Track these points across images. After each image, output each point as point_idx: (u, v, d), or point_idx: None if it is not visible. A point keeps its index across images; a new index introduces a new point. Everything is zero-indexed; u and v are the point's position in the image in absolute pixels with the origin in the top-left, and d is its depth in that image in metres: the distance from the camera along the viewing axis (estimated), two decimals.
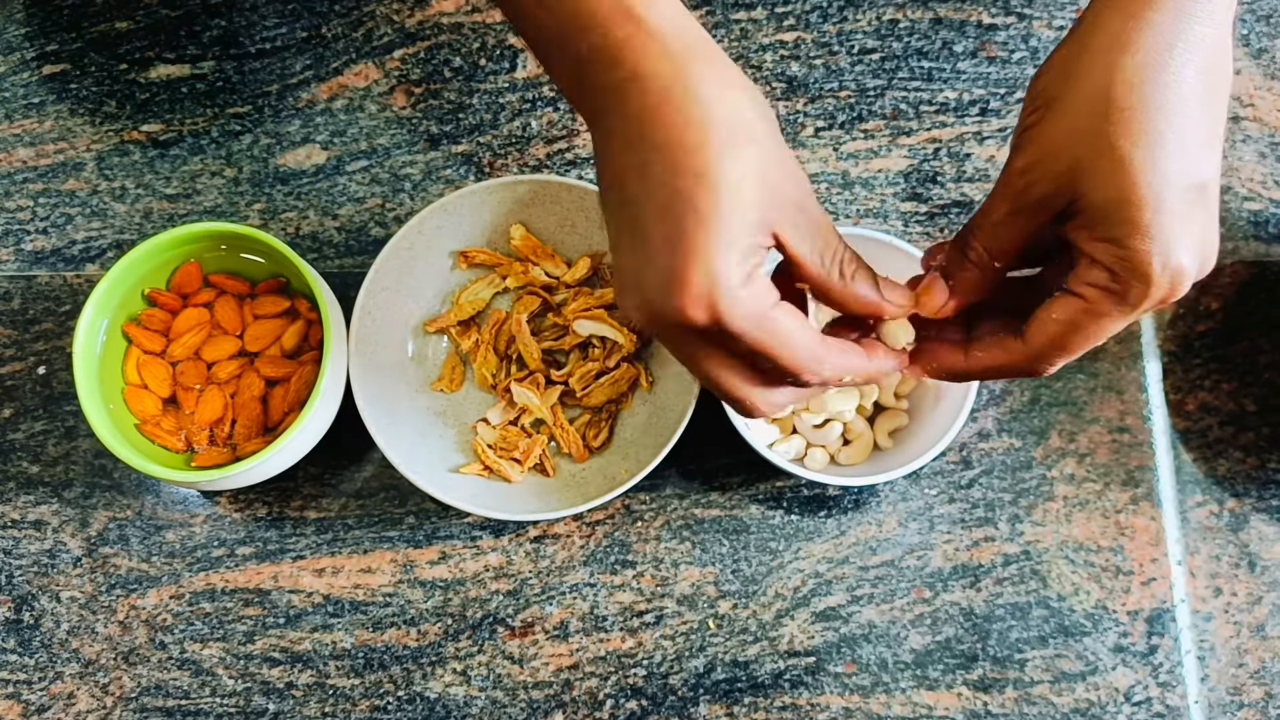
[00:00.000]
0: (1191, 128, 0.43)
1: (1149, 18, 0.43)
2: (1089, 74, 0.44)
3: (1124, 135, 0.42)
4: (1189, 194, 0.42)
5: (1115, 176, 0.42)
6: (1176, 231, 0.42)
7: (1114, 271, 0.43)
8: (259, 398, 0.61)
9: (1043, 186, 0.44)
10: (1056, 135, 0.44)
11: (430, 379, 0.64)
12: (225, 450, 0.60)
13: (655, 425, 0.62)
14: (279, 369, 0.61)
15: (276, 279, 0.62)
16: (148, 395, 0.61)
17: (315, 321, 0.62)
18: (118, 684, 0.61)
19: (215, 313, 0.62)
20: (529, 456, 0.62)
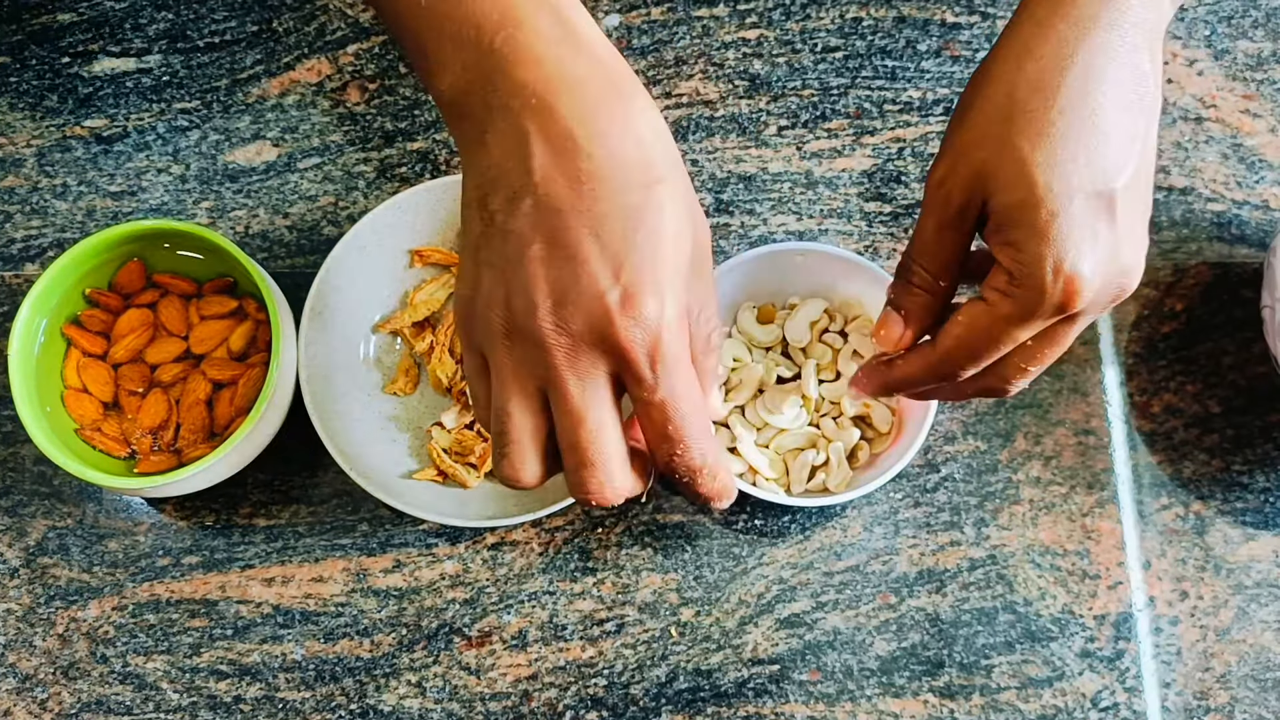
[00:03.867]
0: (1099, 136, 0.42)
1: (1055, 25, 0.43)
2: (997, 80, 0.44)
3: (1024, 136, 0.42)
4: (1093, 201, 0.42)
5: (1016, 179, 0.42)
6: (1074, 238, 0.42)
7: (1011, 274, 0.43)
8: (205, 401, 0.59)
9: (958, 195, 0.44)
10: (966, 142, 0.44)
11: (384, 382, 0.62)
12: (169, 456, 0.58)
13: None
14: (226, 371, 0.59)
15: (223, 279, 0.61)
16: (88, 399, 0.59)
17: (264, 322, 0.60)
18: (56, 699, 0.59)
19: (159, 313, 0.60)
20: (485, 461, 0.60)
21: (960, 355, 0.46)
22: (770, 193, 0.66)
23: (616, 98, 0.41)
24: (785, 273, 0.61)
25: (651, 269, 0.40)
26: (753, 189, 0.66)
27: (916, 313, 0.48)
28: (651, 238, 0.40)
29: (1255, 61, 0.69)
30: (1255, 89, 0.68)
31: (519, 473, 0.43)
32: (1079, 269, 0.42)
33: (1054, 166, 0.42)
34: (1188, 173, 0.67)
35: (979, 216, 0.45)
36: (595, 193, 0.40)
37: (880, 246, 0.66)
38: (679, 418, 0.42)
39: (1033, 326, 0.44)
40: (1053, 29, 0.43)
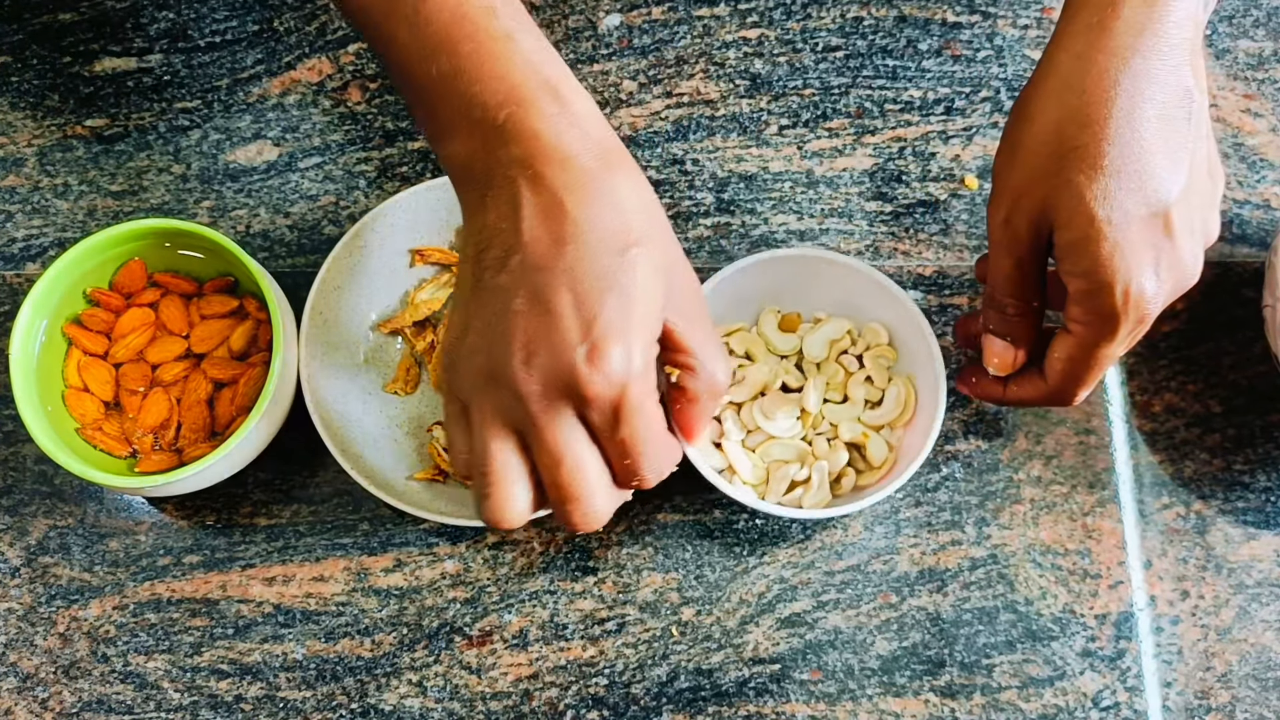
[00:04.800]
0: (1146, 159, 0.45)
1: (1095, 59, 0.45)
2: (1043, 115, 0.47)
3: (1078, 172, 0.45)
4: (1150, 222, 0.45)
5: (1075, 216, 0.46)
6: (1136, 261, 0.45)
7: (1083, 304, 0.47)
8: (205, 401, 0.59)
9: (1025, 233, 0.48)
10: (1021, 180, 0.47)
11: (384, 381, 0.62)
12: (170, 455, 0.58)
13: None
14: (227, 371, 0.59)
15: (224, 278, 0.61)
16: (89, 398, 0.59)
17: (264, 322, 0.60)
18: (57, 699, 0.59)
19: (160, 313, 0.60)
20: None
21: (1069, 384, 0.51)
22: (771, 192, 0.66)
23: (604, 169, 0.45)
24: (813, 280, 0.61)
25: (620, 324, 0.43)
26: (754, 188, 0.66)
27: (1022, 336, 0.53)
28: (623, 296, 0.43)
29: (1256, 61, 0.69)
30: (1256, 88, 0.68)
31: (502, 513, 0.46)
32: (1144, 288, 0.46)
33: (1109, 199, 0.45)
34: None
35: (1049, 244, 0.48)
36: (576, 253, 0.43)
37: (881, 246, 0.66)
38: (637, 455, 0.46)
39: (1120, 343, 0.48)
40: (1093, 62, 0.45)
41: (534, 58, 0.46)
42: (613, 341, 0.43)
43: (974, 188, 0.66)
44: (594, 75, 0.68)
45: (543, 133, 0.44)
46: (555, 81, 0.45)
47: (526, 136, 0.44)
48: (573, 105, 0.45)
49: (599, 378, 0.43)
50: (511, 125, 0.44)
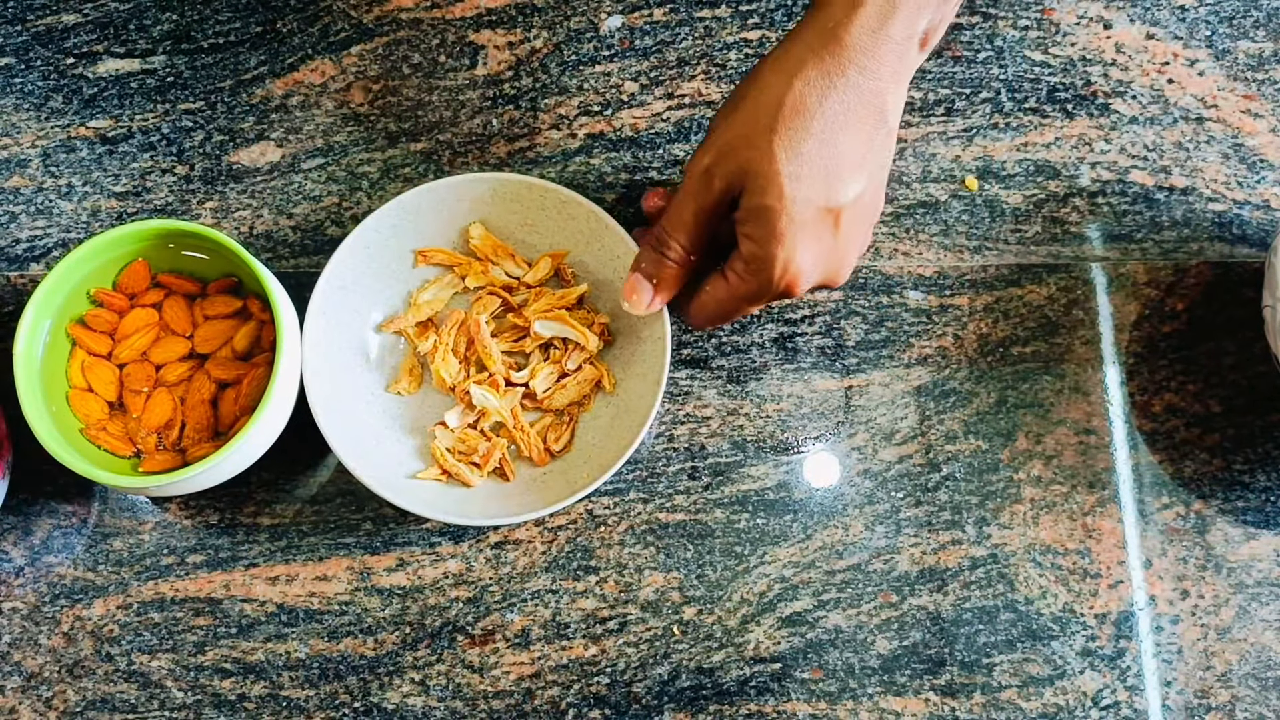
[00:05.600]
0: (836, 157, 0.51)
1: (824, 58, 0.51)
2: (768, 88, 0.52)
3: (782, 149, 0.50)
4: (823, 214, 0.51)
5: (768, 186, 0.51)
6: (802, 243, 0.52)
7: (747, 262, 0.53)
8: (209, 401, 0.59)
9: (719, 185, 0.53)
10: (733, 138, 0.52)
11: (387, 382, 0.63)
12: (174, 455, 0.59)
13: (618, 428, 0.60)
14: (230, 371, 0.60)
15: (228, 279, 0.61)
16: (93, 399, 0.59)
17: (268, 322, 0.60)
18: (61, 698, 0.59)
19: (164, 313, 0.60)
20: (488, 460, 0.60)
21: (701, 318, 0.57)
22: None
23: None
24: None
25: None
26: None
27: (668, 282, 0.57)
28: None
29: (1256, 62, 0.69)
30: (1256, 89, 0.68)
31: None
32: (802, 269, 0.52)
33: (799, 181, 0.51)
34: (1189, 173, 0.67)
35: (732, 204, 0.53)
36: None
37: (882, 246, 0.66)
38: None
39: (761, 304, 0.55)
40: (821, 60, 0.51)
41: None
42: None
43: (974, 188, 0.67)
44: (596, 76, 0.68)
45: None
46: None
47: None
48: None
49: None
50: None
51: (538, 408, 0.62)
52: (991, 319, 0.65)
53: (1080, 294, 0.66)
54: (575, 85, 0.68)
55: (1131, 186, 0.67)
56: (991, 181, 0.67)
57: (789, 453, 0.63)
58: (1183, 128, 0.68)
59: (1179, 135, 0.68)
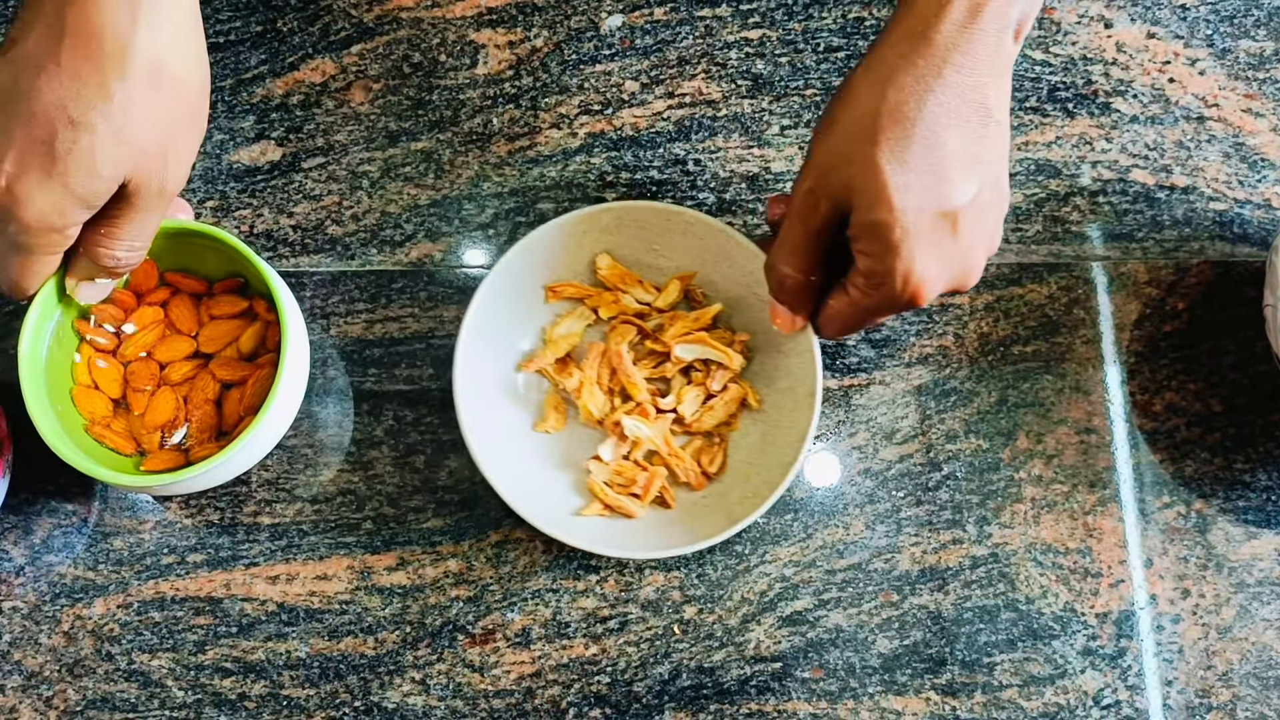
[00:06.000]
0: (944, 160, 0.49)
1: (916, 62, 0.49)
2: (861, 102, 0.50)
3: (885, 160, 0.49)
4: (937, 220, 0.50)
5: (877, 200, 0.49)
6: (921, 253, 0.50)
7: (868, 277, 0.52)
8: (213, 401, 0.59)
9: (824, 205, 0.52)
10: (832, 157, 0.51)
11: (533, 420, 0.62)
12: (177, 454, 0.59)
13: (770, 444, 0.60)
14: (235, 372, 0.60)
15: (234, 279, 0.61)
16: (98, 396, 0.59)
17: (273, 323, 0.60)
18: (62, 697, 0.59)
19: (170, 312, 0.60)
20: (649, 491, 0.60)
21: (830, 331, 0.57)
22: (773, 192, 0.66)
23: None
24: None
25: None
26: (755, 188, 0.66)
27: (797, 304, 0.57)
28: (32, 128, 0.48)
29: (1257, 61, 0.69)
30: (1257, 88, 0.68)
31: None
32: (925, 277, 0.51)
33: (907, 190, 0.49)
34: (1189, 172, 0.67)
35: (842, 222, 0.52)
36: None
37: None
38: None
39: (889, 314, 0.54)
40: (914, 65, 0.49)
41: None
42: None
43: None
44: (596, 76, 0.68)
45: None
46: None
47: None
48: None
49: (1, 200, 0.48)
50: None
51: (686, 431, 0.62)
52: (992, 318, 0.65)
53: (1081, 293, 0.66)
54: (576, 84, 0.68)
55: (1132, 186, 0.67)
56: None
57: None
58: (1184, 127, 0.68)
59: (1180, 134, 0.68)
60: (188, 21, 0.49)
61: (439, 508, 0.62)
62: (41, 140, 0.46)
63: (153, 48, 0.47)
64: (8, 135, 0.47)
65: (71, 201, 0.48)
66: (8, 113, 0.47)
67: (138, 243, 0.52)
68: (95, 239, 0.51)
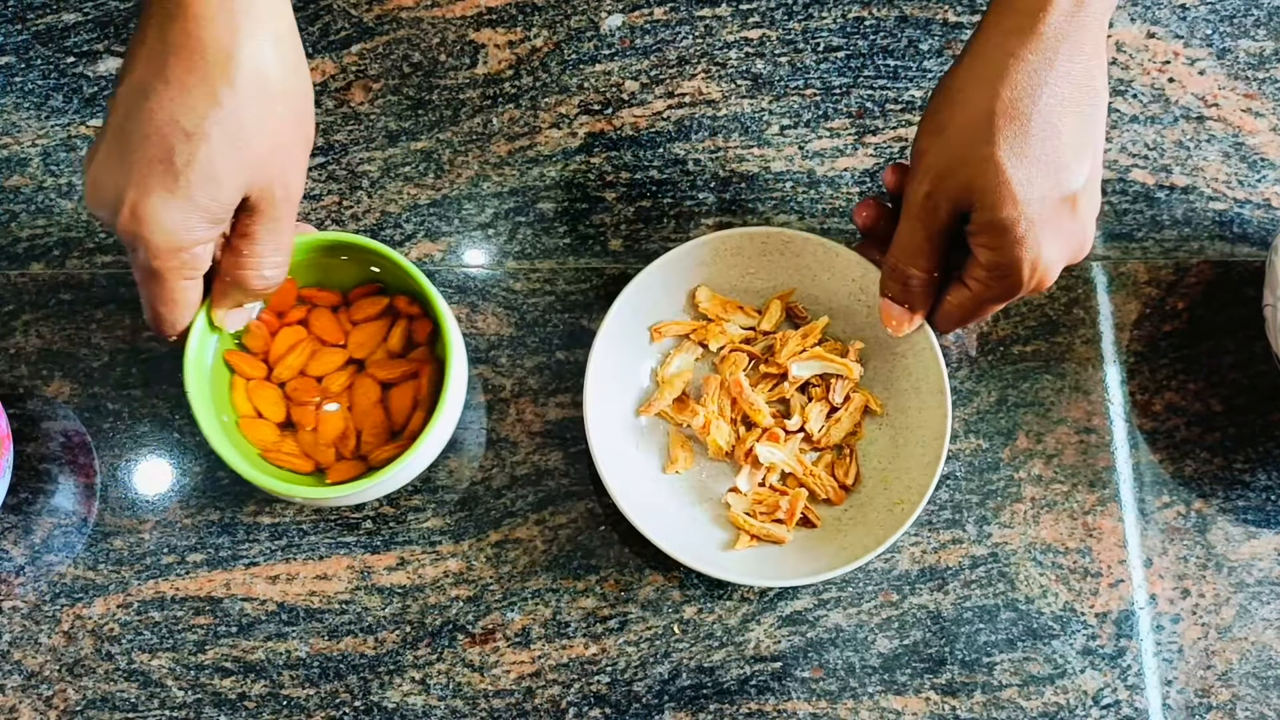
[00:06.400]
0: (1062, 150, 0.50)
1: (1026, 57, 0.50)
2: (973, 103, 0.51)
3: (1005, 157, 0.50)
4: (1059, 206, 0.51)
5: (1000, 196, 0.50)
6: (1046, 239, 0.51)
7: (993, 270, 0.52)
8: (378, 403, 0.58)
9: (945, 207, 0.52)
10: (949, 160, 0.51)
11: (662, 463, 0.62)
12: (356, 463, 0.58)
13: (902, 446, 0.60)
14: (392, 370, 0.59)
15: (369, 284, 0.60)
16: (263, 424, 0.58)
17: (417, 316, 0.59)
18: (62, 696, 0.59)
19: (312, 327, 0.59)
20: (793, 514, 0.60)
21: (948, 325, 0.58)
22: (773, 192, 0.66)
23: None
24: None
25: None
26: (755, 188, 0.66)
27: (920, 303, 0.57)
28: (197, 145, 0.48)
29: (1257, 61, 0.69)
30: (1257, 88, 0.68)
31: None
32: (1051, 263, 0.52)
33: (1030, 183, 0.50)
34: (1189, 171, 0.67)
35: (962, 219, 0.53)
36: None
37: None
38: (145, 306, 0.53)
39: (1008, 302, 0.55)
40: (1025, 60, 0.50)
41: None
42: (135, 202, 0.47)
43: None
44: (596, 75, 0.68)
45: None
46: None
47: None
48: None
49: (125, 227, 0.47)
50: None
51: (815, 448, 0.62)
52: (992, 318, 0.65)
53: (1081, 293, 0.66)
54: (575, 84, 0.68)
55: (1132, 185, 0.67)
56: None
57: None
58: (1183, 126, 0.68)
59: (1180, 134, 0.68)
60: (287, 31, 0.49)
61: (439, 508, 0.62)
62: (159, 159, 0.46)
63: (256, 56, 0.47)
64: (126, 162, 0.47)
65: (197, 216, 0.47)
66: (124, 143, 0.47)
67: (279, 256, 0.52)
68: (237, 262, 0.51)
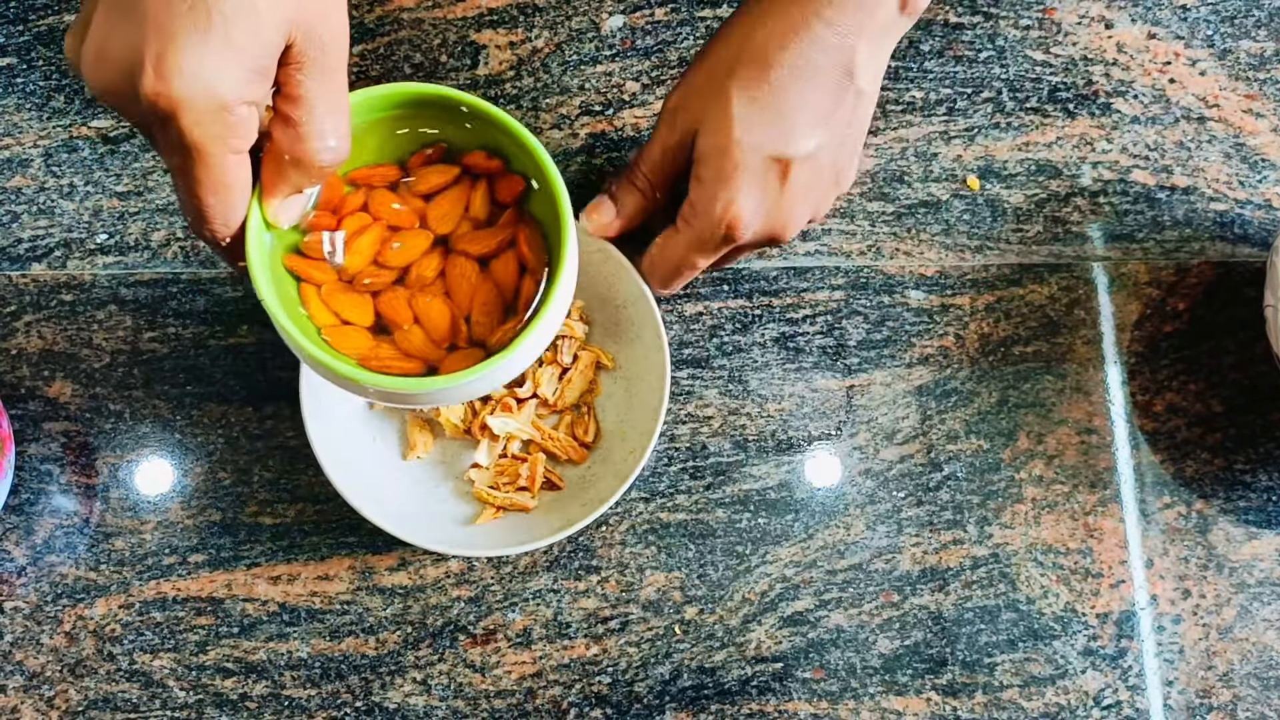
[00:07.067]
0: (793, 109, 0.50)
1: (789, 7, 0.50)
2: (733, 37, 0.52)
3: (736, 93, 0.51)
4: (769, 162, 0.51)
5: (719, 127, 0.51)
6: (746, 188, 0.51)
7: (694, 205, 0.53)
8: (480, 281, 0.49)
9: (682, 124, 0.53)
10: (698, 83, 0.53)
11: (401, 451, 0.62)
12: (474, 350, 0.48)
13: (636, 396, 0.61)
14: (487, 242, 0.49)
15: (431, 148, 0.49)
16: (353, 331, 0.48)
17: (499, 173, 0.49)
18: (63, 697, 0.59)
19: (376, 213, 0.49)
20: (535, 479, 0.60)
21: (657, 275, 0.57)
22: None
23: None
24: None
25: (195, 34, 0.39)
26: None
27: (629, 211, 0.58)
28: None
29: (1258, 61, 0.69)
30: (1258, 89, 0.68)
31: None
32: (742, 212, 0.52)
33: (749, 127, 0.50)
34: (1190, 172, 0.67)
35: (692, 149, 0.53)
36: None
37: (883, 246, 0.66)
38: (185, 201, 0.43)
39: (704, 253, 0.55)
40: (788, 13, 0.50)
41: None
42: (179, 53, 0.37)
43: (976, 188, 0.67)
44: (597, 76, 0.68)
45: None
46: None
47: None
48: None
49: (149, 89, 0.37)
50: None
51: (553, 411, 0.62)
52: (993, 318, 0.65)
53: (1082, 294, 0.66)
54: (576, 85, 0.68)
55: (1133, 186, 0.67)
56: (993, 181, 0.67)
57: (790, 452, 0.63)
58: (1184, 127, 0.68)
59: (1180, 135, 0.68)
60: None
61: None
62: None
63: None
64: (137, 12, 0.38)
65: (238, 60, 0.38)
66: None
67: (339, 118, 0.42)
68: (292, 134, 0.41)
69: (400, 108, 0.48)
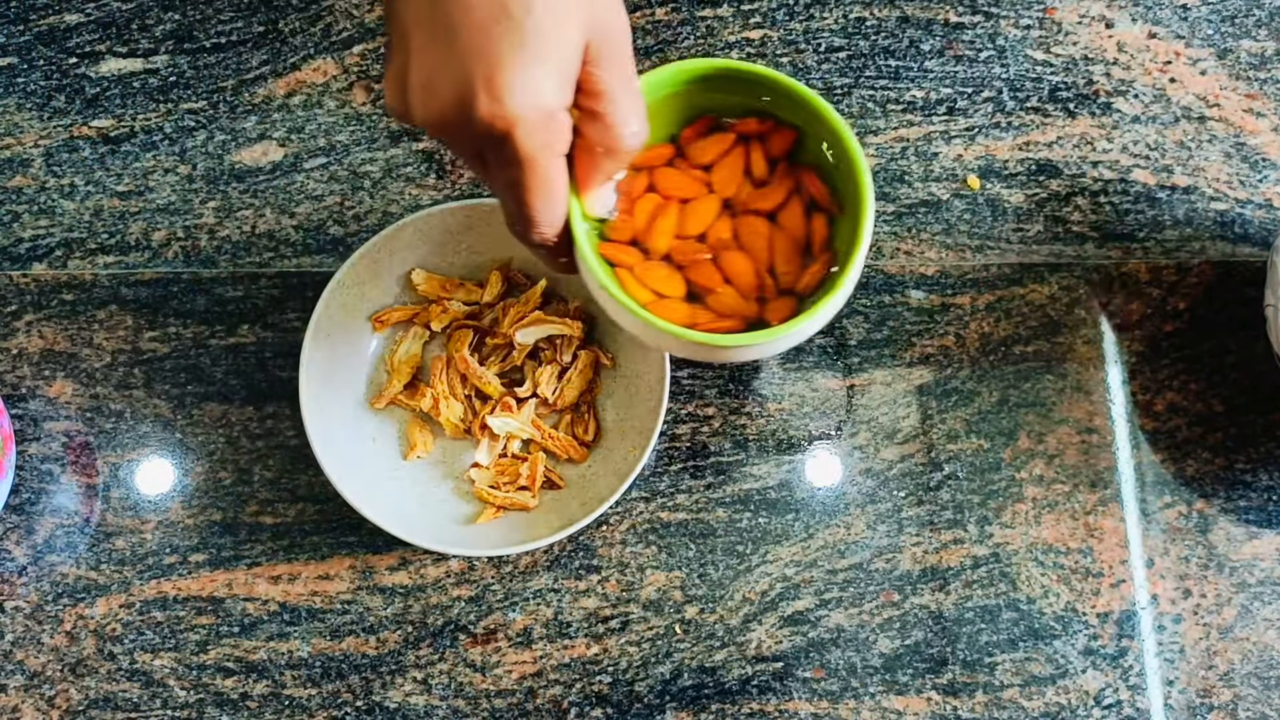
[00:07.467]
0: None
1: None
2: None
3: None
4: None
5: None
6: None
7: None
8: (774, 233, 0.52)
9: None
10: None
11: (402, 451, 0.62)
12: (788, 299, 0.51)
13: (636, 394, 0.61)
14: (774, 197, 0.52)
15: (699, 120, 0.53)
16: (671, 304, 0.51)
17: (770, 130, 0.52)
18: (64, 696, 0.59)
19: (664, 191, 0.52)
20: (535, 478, 0.60)
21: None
22: None
23: None
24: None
25: (519, 50, 0.41)
26: None
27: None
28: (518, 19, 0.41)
29: (1259, 61, 0.69)
30: (1258, 88, 0.68)
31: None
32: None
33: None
34: (1191, 172, 0.67)
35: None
36: None
37: (884, 245, 0.66)
38: (519, 203, 0.44)
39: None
40: None
41: None
42: (509, 70, 0.40)
43: (976, 187, 0.67)
44: None
45: None
46: None
47: None
48: None
49: (485, 111, 0.40)
50: None
51: (553, 410, 0.62)
52: (993, 318, 0.65)
53: (1082, 293, 0.66)
54: None
55: (1133, 185, 0.67)
56: (994, 180, 0.67)
57: (791, 452, 0.63)
58: (1185, 127, 0.68)
59: (1181, 134, 0.68)
60: None
61: None
62: (494, 20, 0.40)
63: None
64: (457, 45, 0.40)
65: (556, 69, 0.41)
66: (442, 27, 0.41)
67: (639, 103, 0.45)
68: (602, 127, 0.44)
69: (684, 85, 0.51)
